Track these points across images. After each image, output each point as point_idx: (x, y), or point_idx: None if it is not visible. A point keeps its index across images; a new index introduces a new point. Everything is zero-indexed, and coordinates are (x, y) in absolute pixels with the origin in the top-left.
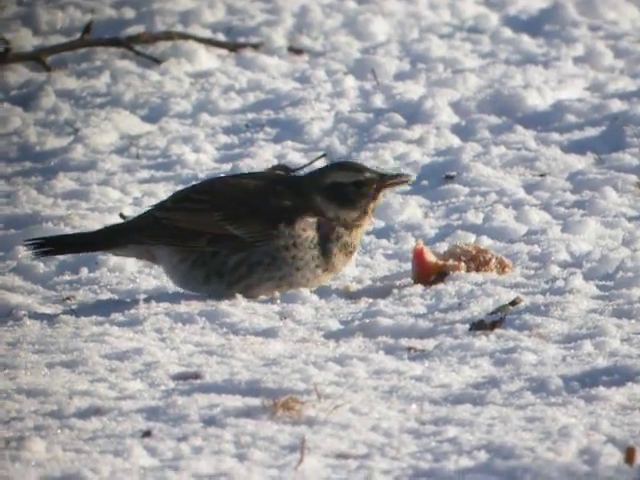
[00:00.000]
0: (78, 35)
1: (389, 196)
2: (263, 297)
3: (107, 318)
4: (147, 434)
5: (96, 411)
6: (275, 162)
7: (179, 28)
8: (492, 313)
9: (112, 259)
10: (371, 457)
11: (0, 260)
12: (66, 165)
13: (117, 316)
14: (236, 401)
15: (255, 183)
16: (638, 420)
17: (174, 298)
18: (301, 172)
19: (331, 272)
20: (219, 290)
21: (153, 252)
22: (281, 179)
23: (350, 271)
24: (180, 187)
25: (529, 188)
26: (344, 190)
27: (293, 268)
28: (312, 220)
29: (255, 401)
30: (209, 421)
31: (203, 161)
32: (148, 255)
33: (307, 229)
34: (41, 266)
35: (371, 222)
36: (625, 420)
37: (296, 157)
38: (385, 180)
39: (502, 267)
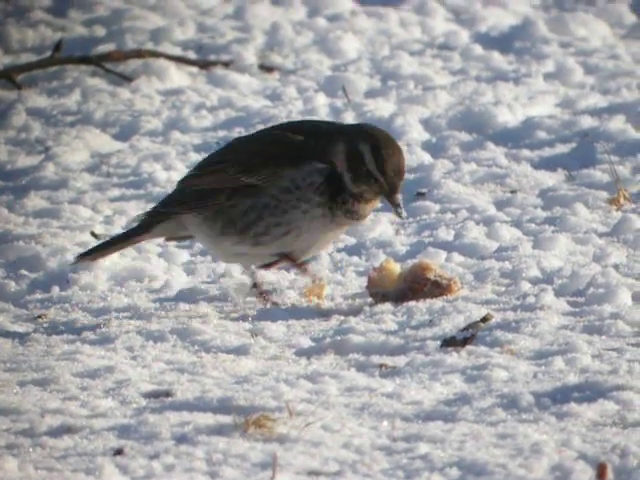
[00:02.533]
0: (49, 53)
1: None
2: (234, 315)
3: (78, 336)
4: (119, 452)
5: (68, 429)
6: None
7: (150, 46)
8: (463, 330)
9: (83, 278)
10: (343, 474)
11: None
12: (37, 183)
13: (88, 334)
14: (207, 419)
15: (276, 134)
16: (610, 437)
17: (145, 316)
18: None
19: (338, 228)
20: (233, 240)
21: (183, 223)
22: (312, 131)
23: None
24: (150, 205)
25: (500, 205)
26: (359, 165)
27: (299, 212)
28: (321, 166)
29: (226, 419)
30: (181, 439)
31: (174, 179)
32: (181, 228)
33: (313, 173)
34: (12, 284)
35: (376, 202)
36: (597, 437)
37: None
38: (387, 197)
39: (442, 290)
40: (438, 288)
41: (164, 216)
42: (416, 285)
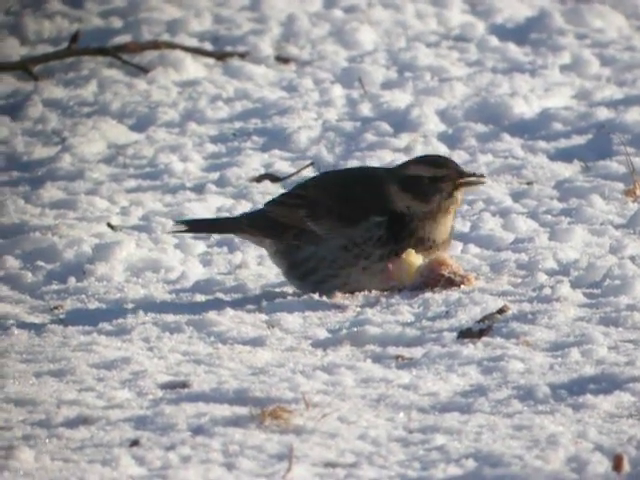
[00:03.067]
0: (65, 44)
1: None
2: (250, 306)
3: (95, 327)
4: (135, 443)
5: (84, 420)
6: (262, 171)
7: (166, 37)
8: (479, 321)
9: (99, 269)
10: (359, 466)
11: None
12: (54, 174)
13: (105, 325)
14: (224, 410)
15: (340, 183)
16: (626, 428)
17: (162, 307)
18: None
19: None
20: (296, 283)
21: (262, 241)
22: (362, 176)
23: None
24: (168, 197)
25: (516, 196)
26: (420, 183)
27: (358, 268)
28: (379, 219)
29: (243, 410)
30: (197, 430)
31: (190, 170)
32: (262, 243)
33: (372, 229)
34: (29, 275)
35: (450, 219)
36: (613, 428)
37: (283, 166)
38: (462, 177)
39: (455, 287)
40: (452, 285)
41: (246, 230)
42: (430, 280)
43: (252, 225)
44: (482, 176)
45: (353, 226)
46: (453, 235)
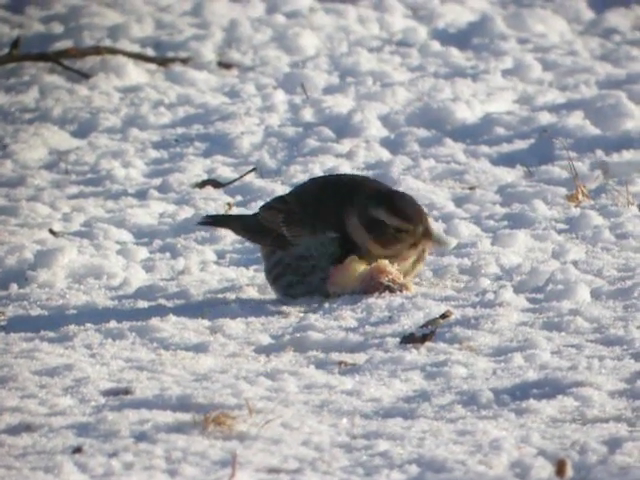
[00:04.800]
0: (6, 50)
1: None
2: (193, 312)
3: (37, 334)
4: (78, 450)
5: (26, 427)
6: (205, 177)
7: (107, 43)
8: (422, 326)
9: (42, 275)
10: (302, 472)
11: None
12: None
13: (47, 332)
14: (167, 416)
15: (316, 192)
16: (569, 433)
17: (104, 314)
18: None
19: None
20: (271, 286)
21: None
22: (338, 189)
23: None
24: (110, 203)
25: (458, 201)
26: (384, 230)
27: (317, 277)
28: (334, 236)
29: (186, 416)
30: (140, 437)
31: (133, 176)
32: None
33: (326, 244)
34: None
35: (410, 268)
36: (556, 433)
37: (226, 171)
38: (425, 239)
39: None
40: (390, 292)
41: (241, 233)
42: (370, 288)
43: (245, 229)
44: (445, 242)
45: (312, 236)
46: (422, 265)
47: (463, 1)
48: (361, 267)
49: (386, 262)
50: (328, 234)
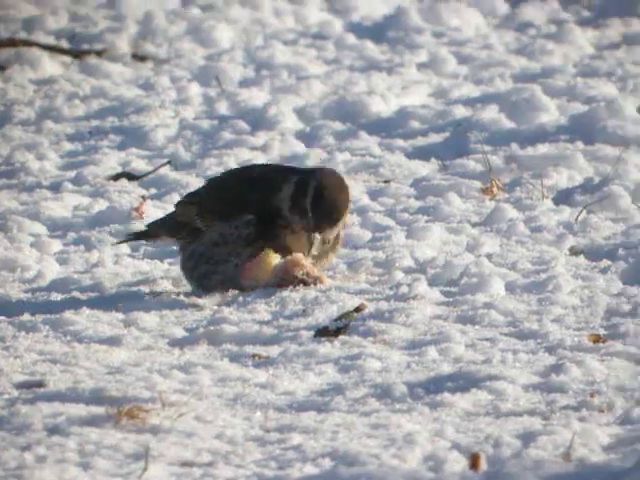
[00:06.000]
0: None
1: None
2: (106, 305)
3: None
4: None
5: None
6: (119, 169)
7: (22, 35)
8: (336, 320)
9: None
10: (215, 465)
11: None
12: None
13: None
14: (80, 409)
15: (230, 182)
16: (483, 426)
17: (17, 306)
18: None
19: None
20: (187, 280)
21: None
22: (256, 176)
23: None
24: (24, 195)
25: (373, 194)
26: (300, 201)
27: (231, 265)
28: (249, 217)
29: (99, 409)
30: (53, 430)
31: (47, 169)
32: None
33: (241, 227)
34: None
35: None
36: (470, 426)
37: (140, 164)
38: (314, 232)
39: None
40: (305, 286)
41: (156, 233)
42: (284, 281)
43: (160, 226)
44: (313, 240)
45: (225, 221)
46: (336, 248)
47: None
48: (275, 260)
49: (300, 255)
50: (243, 217)
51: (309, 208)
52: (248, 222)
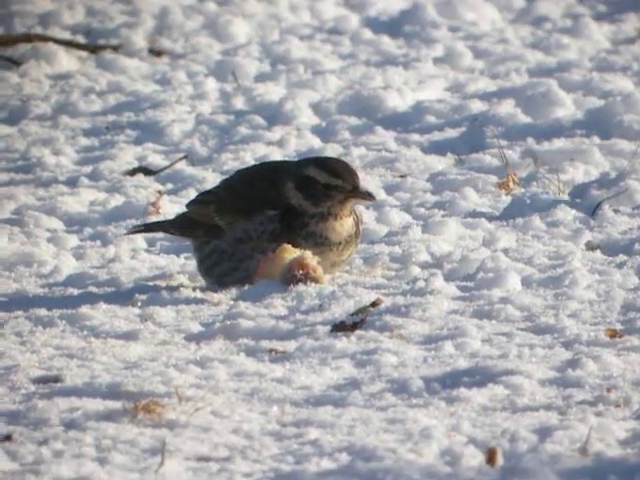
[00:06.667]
0: None
1: None
2: (123, 300)
3: None
4: (7, 438)
5: None
6: (136, 164)
7: (38, 30)
8: (353, 314)
9: None
10: (232, 460)
11: None
12: None
13: None
14: (97, 404)
15: (245, 179)
16: (499, 421)
17: (34, 301)
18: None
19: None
20: (204, 277)
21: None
22: (265, 172)
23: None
24: (40, 190)
25: (389, 189)
26: (314, 186)
27: (255, 261)
28: (272, 213)
29: (116, 404)
30: (70, 425)
31: (63, 164)
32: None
33: (265, 223)
34: None
35: (344, 224)
36: (486, 421)
37: (157, 159)
38: (354, 193)
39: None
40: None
41: (170, 232)
42: (286, 280)
43: (173, 226)
44: (373, 197)
45: (248, 218)
46: (359, 239)
47: None
48: (291, 256)
49: (309, 254)
50: (266, 213)
51: (333, 180)
52: (272, 218)
